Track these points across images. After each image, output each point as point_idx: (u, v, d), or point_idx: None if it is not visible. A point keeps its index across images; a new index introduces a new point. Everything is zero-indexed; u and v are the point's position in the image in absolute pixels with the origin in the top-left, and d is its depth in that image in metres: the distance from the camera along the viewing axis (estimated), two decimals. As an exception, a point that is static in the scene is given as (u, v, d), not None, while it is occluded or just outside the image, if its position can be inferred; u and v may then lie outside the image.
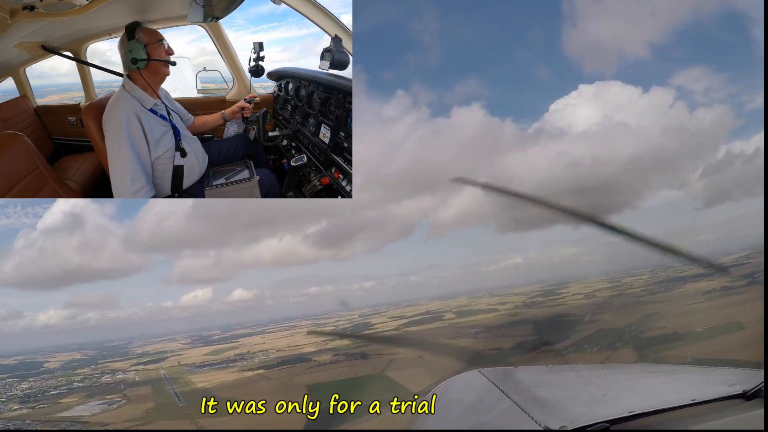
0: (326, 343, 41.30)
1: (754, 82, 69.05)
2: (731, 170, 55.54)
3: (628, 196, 55.94)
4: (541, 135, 58.25)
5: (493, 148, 64.42)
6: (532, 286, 44.79)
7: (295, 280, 74.23)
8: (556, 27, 74.30)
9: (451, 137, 61.68)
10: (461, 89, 75.49)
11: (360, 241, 74.53)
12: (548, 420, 2.23)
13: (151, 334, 49.90)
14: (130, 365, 41.37)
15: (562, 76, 79.13)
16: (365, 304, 50.13)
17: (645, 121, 57.66)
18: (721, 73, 69.66)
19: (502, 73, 75.61)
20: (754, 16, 55.95)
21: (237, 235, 72.71)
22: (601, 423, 2.08)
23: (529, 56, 74.11)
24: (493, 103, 73.83)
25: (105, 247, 66.55)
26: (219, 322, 52.34)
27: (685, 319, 32.40)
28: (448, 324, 41.76)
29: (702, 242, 40.82)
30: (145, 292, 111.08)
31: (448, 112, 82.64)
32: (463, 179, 2.46)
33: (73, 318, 61.31)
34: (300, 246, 68.97)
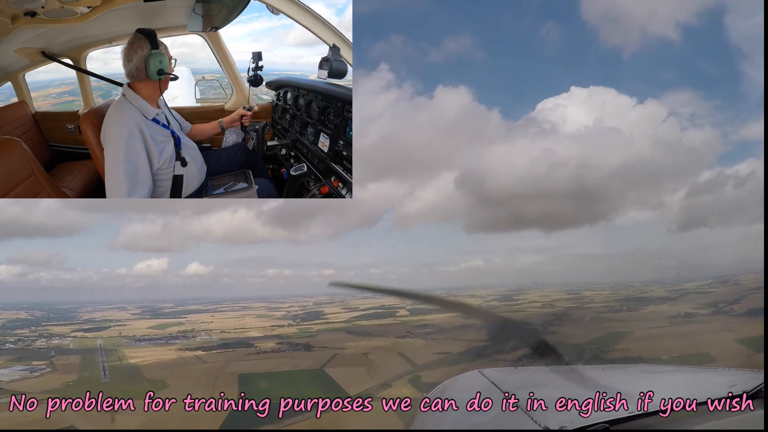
0: (273, 329, 41.08)
1: (739, 114, 70.40)
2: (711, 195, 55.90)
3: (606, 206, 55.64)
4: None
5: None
6: (488, 290, 44.63)
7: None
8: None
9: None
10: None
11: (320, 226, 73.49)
12: (548, 420, 2.23)
13: (105, 300, 49.51)
14: (71, 330, 40.45)
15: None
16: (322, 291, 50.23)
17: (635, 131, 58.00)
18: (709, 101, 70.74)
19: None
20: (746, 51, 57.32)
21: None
22: (601, 423, 2.08)
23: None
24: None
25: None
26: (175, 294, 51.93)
27: (650, 343, 31.86)
28: (399, 321, 41.32)
29: (665, 267, 40.77)
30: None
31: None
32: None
33: (24, 276, 61.72)
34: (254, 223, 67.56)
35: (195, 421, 26.36)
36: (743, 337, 29.98)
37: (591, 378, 2.67)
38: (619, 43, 69.02)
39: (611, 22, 68.13)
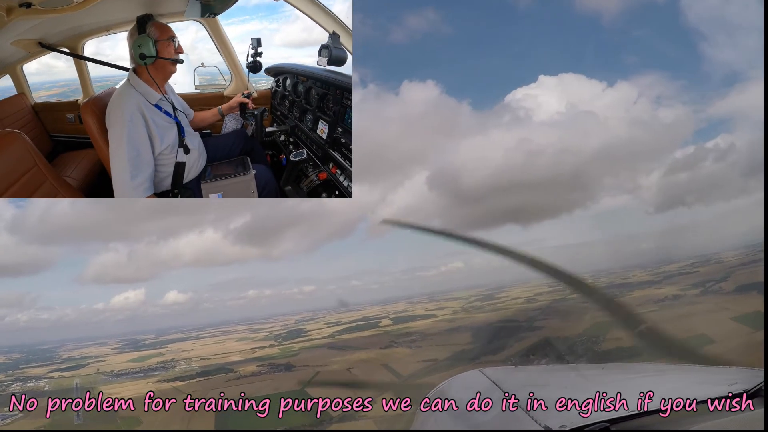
0: (254, 351, 40.29)
1: (705, 93, 69.98)
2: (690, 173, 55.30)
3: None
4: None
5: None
6: (471, 291, 44.14)
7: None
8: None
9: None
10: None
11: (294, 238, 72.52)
12: (548, 420, 2.24)
13: (86, 336, 48.50)
14: (48, 371, 39.39)
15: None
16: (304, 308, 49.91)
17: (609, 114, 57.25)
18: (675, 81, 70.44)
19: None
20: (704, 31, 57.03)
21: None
22: (601, 423, 2.09)
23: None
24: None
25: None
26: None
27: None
28: (383, 332, 40.66)
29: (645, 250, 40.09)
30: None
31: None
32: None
33: (2, 319, 60.13)
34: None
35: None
36: (738, 314, 29.43)
37: (591, 377, 2.68)
38: (581, 31, 67.64)
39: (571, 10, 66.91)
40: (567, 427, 2.12)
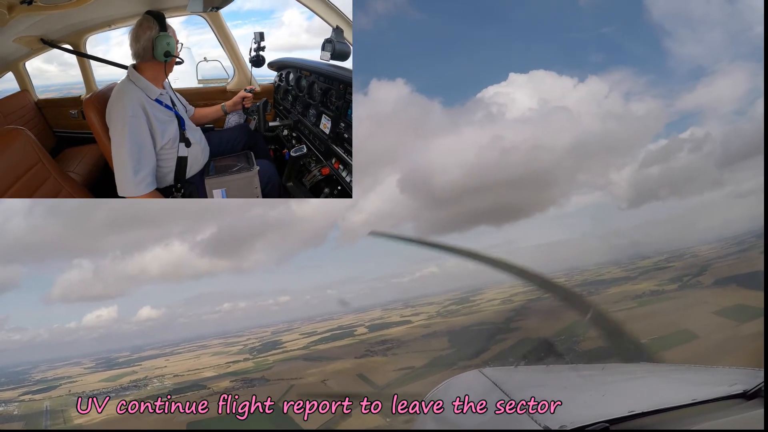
0: (229, 365, 39.49)
1: (673, 87, 69.50)
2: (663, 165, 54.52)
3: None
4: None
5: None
6: (446, 295, 43.67)
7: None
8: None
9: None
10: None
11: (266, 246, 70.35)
12: (548, 420, 2.24)
13: (59, 356, 47.36)
14: (19, 394, 38.37)
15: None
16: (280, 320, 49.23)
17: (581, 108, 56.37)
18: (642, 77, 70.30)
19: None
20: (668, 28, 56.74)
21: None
22: (601, 423, 2.08)
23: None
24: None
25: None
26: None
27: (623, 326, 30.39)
28: (358, 341, 40.04)
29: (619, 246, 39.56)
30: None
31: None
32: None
33: None
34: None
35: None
36: (719, 308, 28.86)
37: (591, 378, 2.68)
38: (548, 31, 67.01)
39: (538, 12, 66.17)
40: (567, 427, 2.12)
